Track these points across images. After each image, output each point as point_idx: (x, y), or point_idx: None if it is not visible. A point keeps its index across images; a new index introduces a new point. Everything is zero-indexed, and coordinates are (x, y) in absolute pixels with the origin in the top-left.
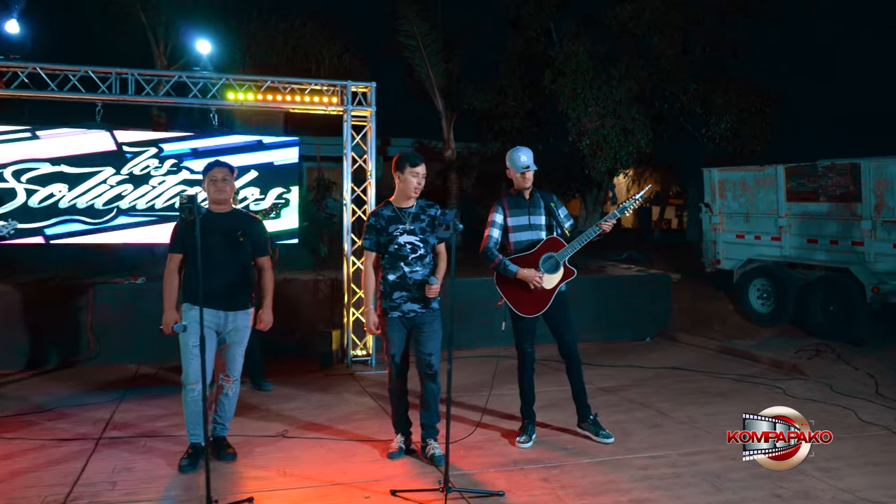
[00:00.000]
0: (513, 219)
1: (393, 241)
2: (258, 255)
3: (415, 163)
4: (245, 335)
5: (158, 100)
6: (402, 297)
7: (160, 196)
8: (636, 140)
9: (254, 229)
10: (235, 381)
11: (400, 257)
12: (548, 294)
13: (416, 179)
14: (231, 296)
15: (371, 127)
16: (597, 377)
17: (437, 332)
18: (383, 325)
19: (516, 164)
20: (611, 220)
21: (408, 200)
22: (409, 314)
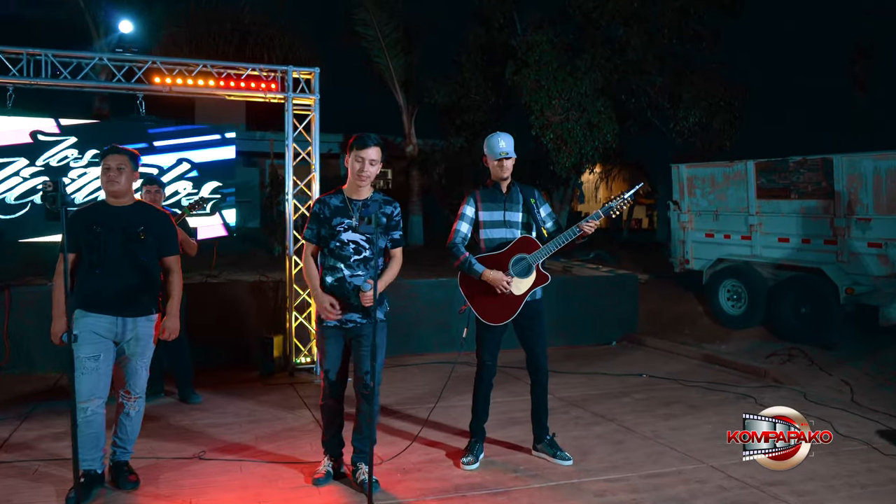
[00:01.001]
0: (485, 213)
1: (335, 237)
2: (165, 254)
3: (362, 144)
4: (148, 345)
5: (76, 83)
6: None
7: (80, 190)
8: (602, 134)
9: (159, 225)
10: (139, 398)
11: (340, 257)
12: (517, 301)
13: (361, 165)
14: (130, 300)
15: (315, 116)
16: (558, 386)
17: (378, 346)
18: (318, 335)
19: (494, 151)
20: (593, 220)
21: (359, 191)
22: (346, 324)
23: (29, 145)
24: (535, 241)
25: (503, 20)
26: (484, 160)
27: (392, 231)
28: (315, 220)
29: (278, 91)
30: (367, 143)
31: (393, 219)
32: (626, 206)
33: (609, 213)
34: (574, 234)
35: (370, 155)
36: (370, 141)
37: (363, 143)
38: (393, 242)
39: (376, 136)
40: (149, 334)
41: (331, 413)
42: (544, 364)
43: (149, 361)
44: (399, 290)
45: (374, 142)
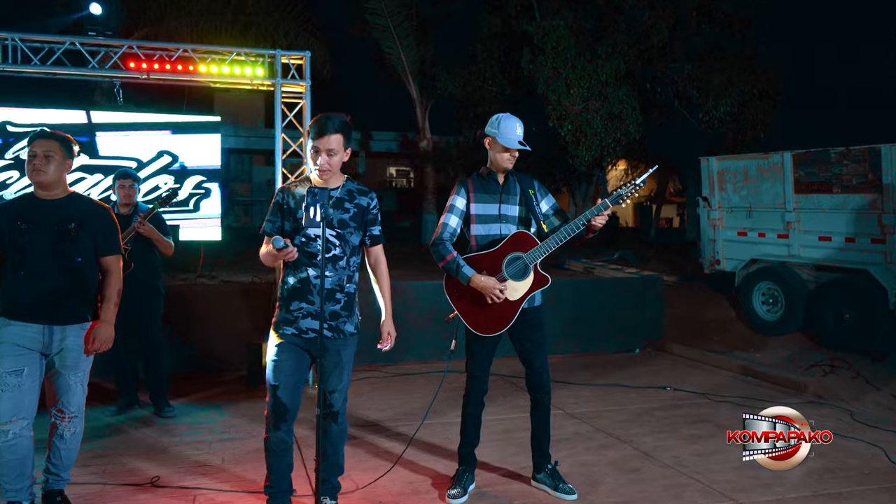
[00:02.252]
0: (478, 205)
1: (300, 231)
2: (103, 254)
3: (318, 131)
4: (80, 358)
5: (46, 70)
6: (301, 310)
7: None
8: (624, 125)
9: (95, 220)
10: (74, 417)
11: (306, 255)
12: (512, 308)
13: (318, 156)
14: (59, 306)
15: (306, 104)
16: (570, 400)
17: (346, 363)
18: (270, 343)
19: (508, 138)
20: (603, 211)
21: (326, 181)
22: (307, 334)
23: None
24: (532, 237)
25: (520, 7)
26: (486, 142)
27: (370, 226)
28: (277, 212)
29: (264, 77)
30: (324, 129)
31: (370, 212)
32: (636, 193)
33: (619, 201)
34: (578, 228)
35: (329, 144)
36: (329, 127)
37: (320, 130)
38: (372, 239)
39: (340, 119)
40: (81, 345)
41: (278, 448)
42: (546, 381)
43: (85, 376)
44: (403, 293)
45: (334, 128)
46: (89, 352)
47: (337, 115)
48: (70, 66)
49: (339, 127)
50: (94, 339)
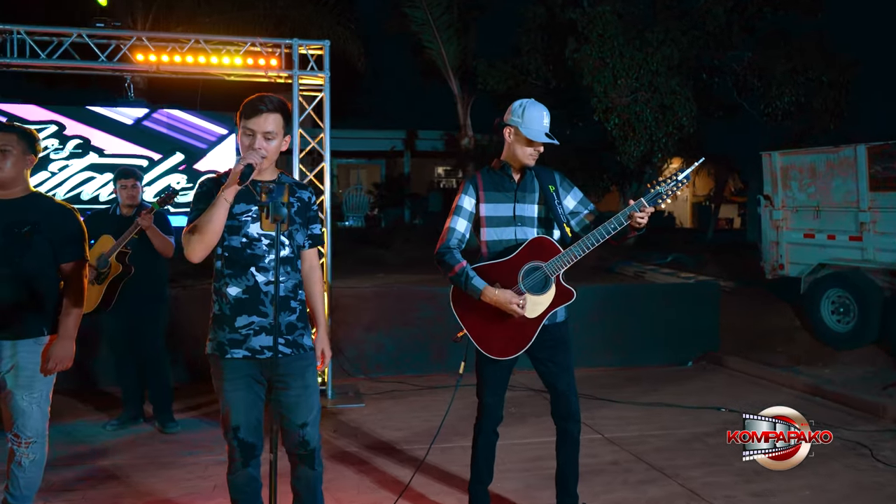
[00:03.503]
0: (489, 206)
1: (239, 231)
2: (63, 260)
3: (251, 111)
4: (35, 377)
5: (54, 63)
6: (251, 327)
7: (62, 185)
8: (676, 118)
9: (54, 222)
10: (33, 443)
11: (249, 259)
12: (530, 326)
13: (251, 139)
14: (8, 318)
15: (325, 97)
16: (609, 421)
17: (312, 386)
18: (215, 374)
19: (533, 129)
20: (637, 212)
21: (267, 170)
22: (262, 354)
23: None
24: (554, 243)
25: None
26: (506, 133)
27: (312, 224)
28: (205, 202)
29: (280, 68)
30: (258, 108)
31: (311, 207)
32: (678, 190)
33: (657, 201)
34: (608, 233)
35: (266, 125)
36: (263, 105)
37: (254, 108)
38: (313, 240)
39: (279, 98)
40: (36, 362)
41: (249, 488)
42: (575, 408)
43: (44, 397)
44: (437, 300)
45: (270, 106)
46: (46, 371)
47: (273, 96)
48: (79, 60)
49: (278, 106)
50: (50, 357)
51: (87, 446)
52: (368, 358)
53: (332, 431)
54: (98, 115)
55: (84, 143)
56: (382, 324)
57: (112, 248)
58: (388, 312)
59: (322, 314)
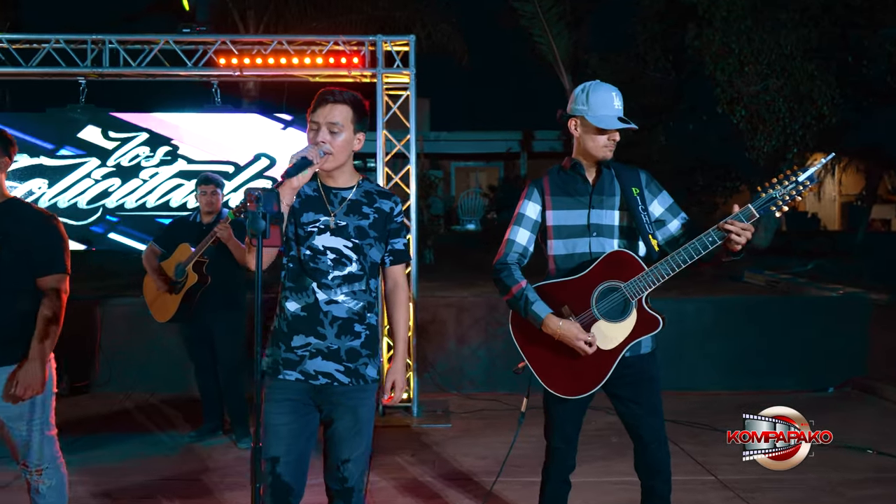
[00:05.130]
0: (558, 213)
1: (305, 242)
2: (40, 273)
3: (318, 102)
4: (24, 404)
5: (142, 71)
6: (307, 348)
7: (152, 192)
8: (815, 107)
9: (27, 232)
10: (46, 469)
11: (312, 272)
12: (606, 359)
13: (315, 132)
14: None
15: (410, 95)
16: (723, 459)
17: (365, 422)
18: (263, 397)
19: (603, 113)
20: (741, 223)
21: (332, 175)
22: (317, 379)
23: (101, 144)
24: (636, 258)
25: None
26: (571, 126)
27: (393, 238)
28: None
29: (364, 66)
30: (325, 98)
31: (393, 219)
32: (799, 194)
33: (770, 208)
34: (704, 248)
35: (331, 115)
36: (331, 96)
37: (319, 101)
38: (395, 256)
39: (351, 92)
40: None
41: None
42: (663, 464)
43: (43, 420)
44: None
45: (339, 97)
46: (12, 399)
47: (348, 90)
48: (168, 66)
49: (348, 98)
50: (16, 381)
51: (164, 458)
52: (461, 372)
53: (411, 455)
54: (185, 122)
55: (173, 150)
56: (477, 336)
57: (189, 257)
58: (484, 324)
59: (402, 339)
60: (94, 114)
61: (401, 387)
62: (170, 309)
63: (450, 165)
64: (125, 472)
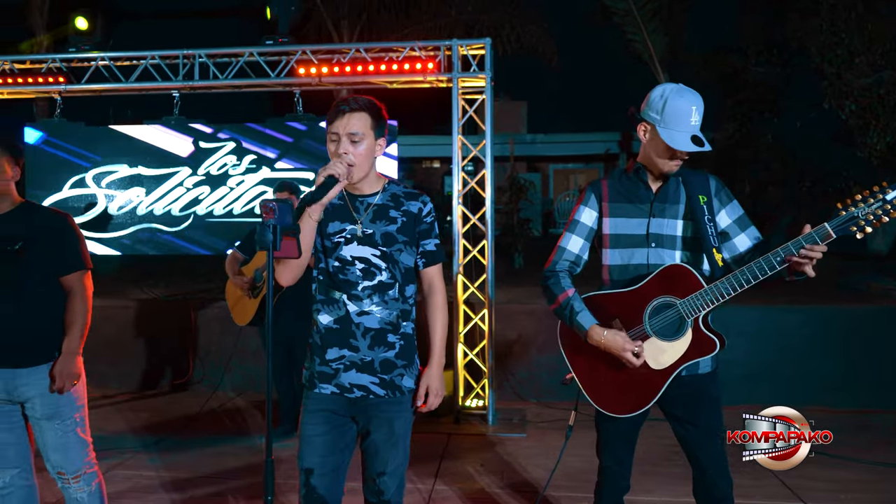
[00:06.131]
0: (615, 220)
1: (333, 253)
2: (62, 272)
3: (334, 112)
4: (62, 404)
5: (229, 83)
6: (341, 361)
7: (238, 199)
8: None
9: (49, 233)
10: (82, 475)
11: (341, 284)
12: (658, 378)
13: (336, 145)
14: (15, 344)
15: (486, 100)
16: (816, 484)
17: (402, 435)
18: (303, 409)
19: (677, 132)
20: (814, 245)
21: (360, 183)
22: (351, 392)
23: (192, 153)
24: (694, 273)
25: None
26: (640, 131)
27: (424, 240)
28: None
29: (438, 72)
30: (340, 108)
31: (422, 220)
32: (886, 216)
33: (847, 230)
34: (770, 269)
35: (349, 125)
36: (346, 105)
37: (335, 112)
38: (427, 258)
39: (366, 99)
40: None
41: None
42: (724, 491)
43: (78, 422)
44: None
45: (354, 105)
46: (57, 390)
47: (362, 97)
48: (252, 77)
49: (364, 104)
50: (57, 376)
51: (236, 457)
52: (541, 381)
53: (479, 465)
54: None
55: (258, 158)
56: (558, 345)
57: None
58: None
59: (439, 344)
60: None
61: (435, 393)
62: (248, 313)
63: (548, 168)
64: (198, 470)
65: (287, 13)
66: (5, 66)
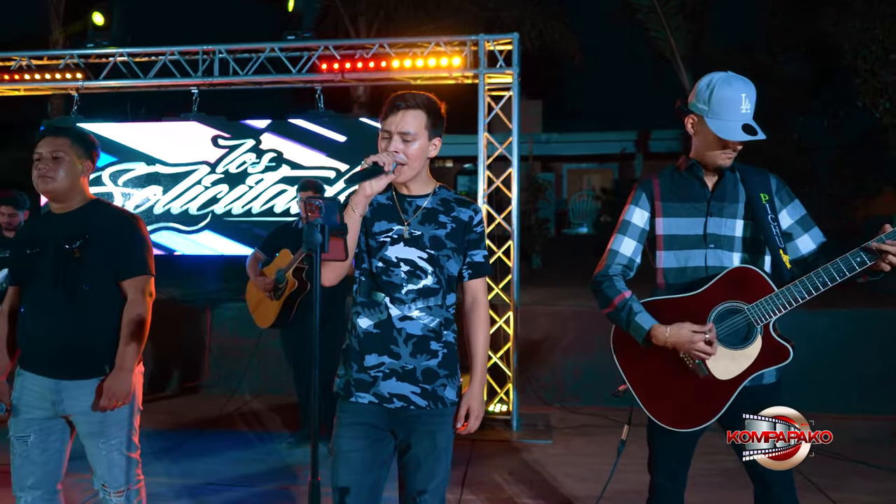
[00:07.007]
0: (669, 220)
1: (377, 253)
2: (122, 276)
3: (389, 109)
4: (108, 421)
5: (250, 79)
6: (380, 368)
7: (257, 198)
8: None
9: (113, 234)
10: (127, 490)
11: (384, 286)
12: (723, 390)
13: (388, 142)
14: (64, 353)
15: (513, 96)
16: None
17: (444, 449)
18: (334, 422)
19: (727, 120)
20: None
21: (408, 182)
22: (390, 402)
23: (210, 151)
24: (764, 277)
25: None
26: (687, 123)
27: (472, 250)
28: None
29: (465, 68)
30: (396, 105)
31: (472, 229)
32: None
33: None
34: (850, 270)
35: (403, 124)
36: (402, 101)
37: (390, 108)
38: (474, 269)
39: (424, 95)
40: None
41: None
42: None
43: (122, 441)
44: None
45: (411, 103)
46: (100, 409)
47: (421, 93)
48: (273, 73)
49: (422, 102)
50: (104, 392)
51: (258, 461)
52: (565, 385)
53: (508, 474)
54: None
55: (278, 156)
56: (582, 347)
57: (289, 263)
58: (590, 334)
59: (480, 363)
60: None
61: (476, 415)
62: (271, 314)
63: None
64: (217, 475)
65: (312, 7)
66: (22, 63)
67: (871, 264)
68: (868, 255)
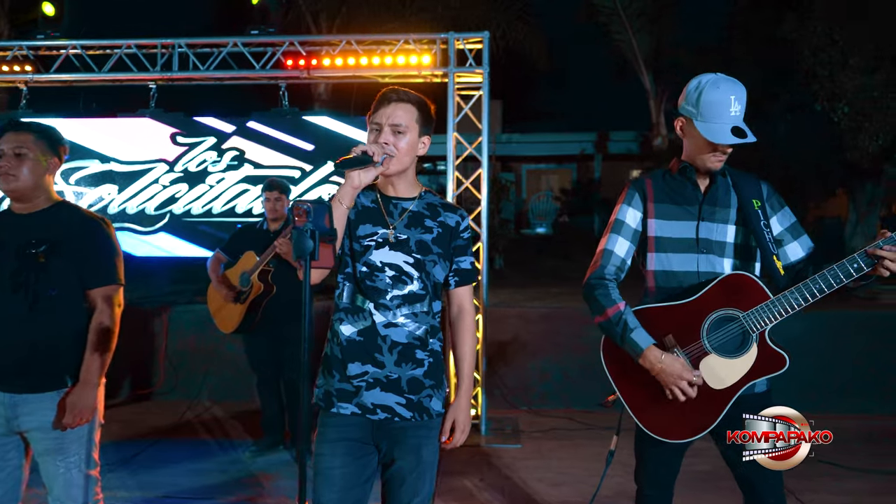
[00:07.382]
0: (661, 223)
1: (361, 257)
2: (89, 285)
3: (380, 101)
4: (66, 438)
5: (210, 74)
6: (364, 377)
7: (218, 198)
8: None
9: (79, 238)
10: None
11: (368, 291)
12: (717, 401)
13: (377, 133)
14: (21, 365)
15: (483, 95)
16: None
17: (429, 463)
18: (314, 437)
19: (716, 124)
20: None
21: (394, 184)
22: (374, 413)
23: (168, 149)
24: (760, 283)
25: None
26: (677, 126)
27: (459, 256)
28: None
29: (434, 66)
30: (388, 97)
31: (459, 235)
32: None
33: None
34: (847, 276)
35: (393, 116)
36: (394, 94)
37: (381, 100)
38: (460, 276)
39: (416, 93)
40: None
41: None
42: None
43: (82, 457)
44: None
45: (403, 96)
46: (61, 427)
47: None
48: (235, 69)
49: (413, 97)
50: (66, 408)
51: (221, 472)
52: (532, 388)
53: (479, 480)
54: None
55: (240, 154)
56: (549, 349)
57: (254, 266)
58: (556, 336)
59: (467, 373)
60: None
61: (462, 429)
62: (234, 319)
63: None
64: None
65: (276, 2)
66: None
67: (869, 270)
68: (865, 260)
